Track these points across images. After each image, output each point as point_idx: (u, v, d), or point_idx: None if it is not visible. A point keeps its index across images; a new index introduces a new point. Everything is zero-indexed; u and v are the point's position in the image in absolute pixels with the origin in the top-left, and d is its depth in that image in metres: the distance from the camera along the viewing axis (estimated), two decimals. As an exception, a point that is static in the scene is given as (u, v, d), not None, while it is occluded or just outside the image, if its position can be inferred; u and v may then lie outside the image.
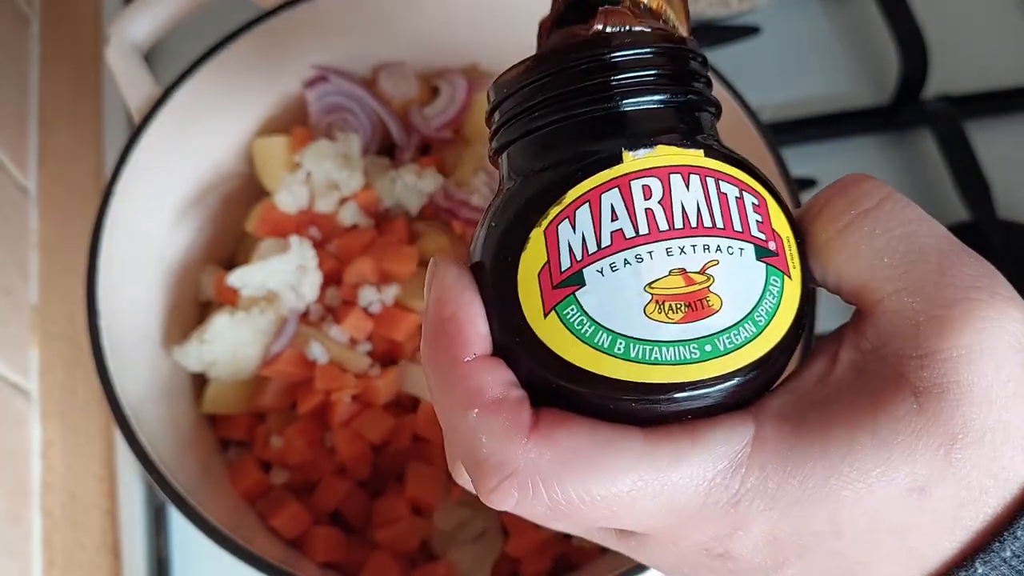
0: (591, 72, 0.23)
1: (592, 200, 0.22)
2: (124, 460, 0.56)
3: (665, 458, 0.21)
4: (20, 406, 0.50)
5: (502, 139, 0.25)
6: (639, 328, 0.21)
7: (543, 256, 0.22)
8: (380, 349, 0.51)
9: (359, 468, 0.50)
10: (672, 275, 0.21)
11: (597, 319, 0.21)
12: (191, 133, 0.52)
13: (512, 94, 0.24)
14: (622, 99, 0.23)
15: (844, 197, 0.24)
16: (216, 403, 0.52)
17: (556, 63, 0.23)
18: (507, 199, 0.24)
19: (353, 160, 0.54)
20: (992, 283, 0.22)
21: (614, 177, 0.22)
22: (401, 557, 0.49)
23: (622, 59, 0.23)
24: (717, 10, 0.68)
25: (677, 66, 0.24)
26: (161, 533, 0.54)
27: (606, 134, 0.23)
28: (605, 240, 0.22)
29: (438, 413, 0.24)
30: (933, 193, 0.65)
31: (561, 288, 0.22)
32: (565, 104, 0.23)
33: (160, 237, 0.53)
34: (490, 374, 0.22)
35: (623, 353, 0.21)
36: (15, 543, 0.46)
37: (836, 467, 0.21)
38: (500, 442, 0.22)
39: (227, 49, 0.51)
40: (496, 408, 0.22)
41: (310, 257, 0.51)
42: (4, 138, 0.56)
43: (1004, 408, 0.21)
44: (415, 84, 0.59)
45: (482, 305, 0.23)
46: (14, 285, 0.52)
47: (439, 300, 0.23)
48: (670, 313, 0.21)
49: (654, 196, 0.22)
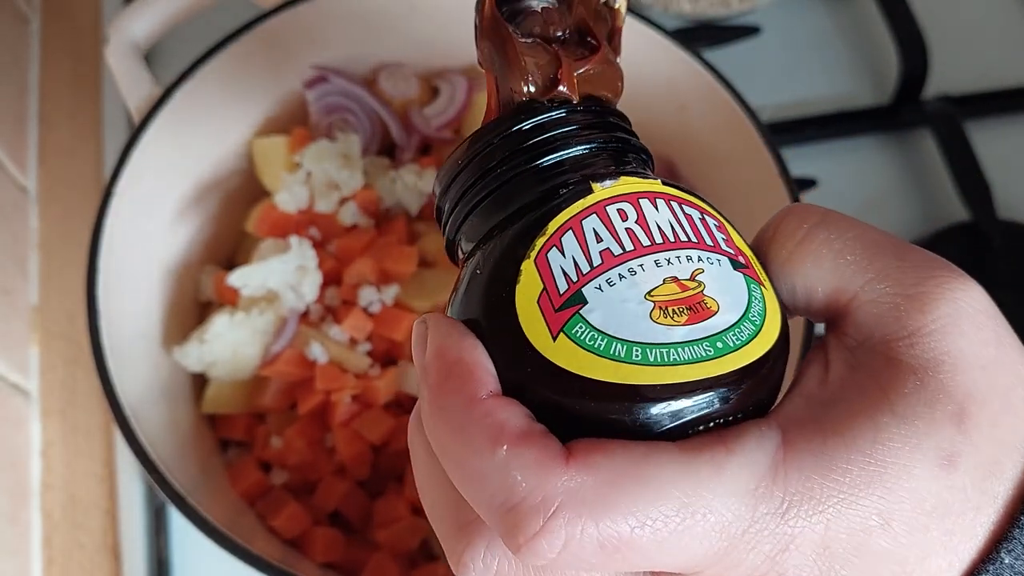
0: (547, 127, 0.25)
1: (575, 227, 0.23)
2: (124, 460, 0.56)
3: (706, 468, 0.20)
4: (20, 406, 0.50)
5: (461, 211, 0.25)
6: (651, 333, 0.21)
7: (539, 284, 0.22)
8: (380, 349, 0.51)
9: (359, 468, 0.50)
10: (667, 283, 0.22)
11: (608, 331, 0.22)
12: (191, 133, 0.52)
13: (463, 169, 0.25)
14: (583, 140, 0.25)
15: (792, 217, 0.25)
16: (216, 403, 0.52)
17: (507, 125, 0.25)
18: (479, 259, 0.24)
19: (353, 160, 0.54)
20: (947, 263, 0.23)
21: (589, 205, 0.23)
22: (401, 557, 0.49)
23: (572, 118, 0.25)
24: (717, 10, 0.68)
25: (612, 120, 0.26)
26: (161, 533, 0.54)
27: (570, 172, 0.24)
28: (596, 259, 0.22)
29: (451, 464, 0.22)
30: (933, 193, 0.65)
31: (564, 309, 0.22)
32: (523, 158, 0.25)
33: (160, 237, 0.53)
34: (510, 409, 0.21)
35: (642, 359, 0.21)
36: (15, 543, 0.46)
37: (871, 452, 0.21)
38: (537, 475, 0.20)
39: (227, 49, 0.51)
40: (525, 441, 0.21)
41: (310, 257, 0.51)
42: (4, 138, 0.56)
43: (995, 373, 0.22)
44: (415, 84, 0.58)
45: (484, 348, 0.22)
46: (14, 285, 0.52)
47: (440, 348, 0.22)
48: (676, 316, 0.22)
49: (630, 217, 0.23)
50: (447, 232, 0.26)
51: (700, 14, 0.68)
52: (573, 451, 0.21)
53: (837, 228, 0.24)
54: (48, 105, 0.62)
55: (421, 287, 0.52)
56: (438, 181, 0.26)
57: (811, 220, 0.25)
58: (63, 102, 0.64)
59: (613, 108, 0.27)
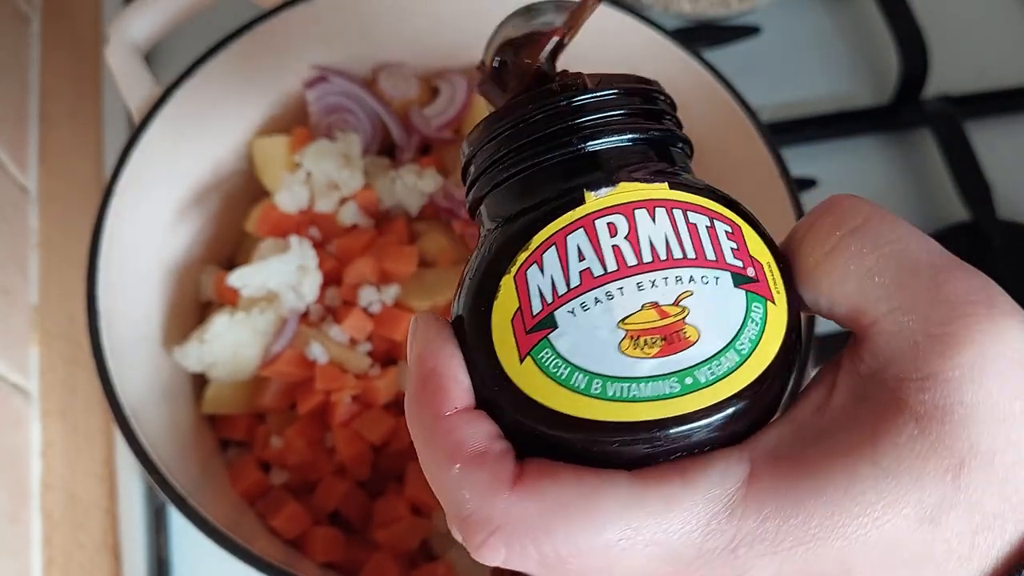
0: (547, 121, 0.24)
1: (558, 242, 0.22)
2: (124, 460, 0.56)
3: (656, 503, 0.20)
4: (20, 406, 0.50)
5: (475, 194, 0.25)
6: (615, 366, 0.21)
7: (515, 302, 0.22)
8: (380, 349, 0.51)
9: (359, 468, 0.50)
10: (645, 309, 0.21)
11: (572, 360, 0.21)
12: (191, 133, 0.52)
13: (479, 149, 0.25)
14: (579, 142, 0.23)
15: (828, 217, 0.23)
16: (216, 403, 0.52)
17: (513, 115, 0.24)
18: (481, 252, 0.24)
19: (353, 160, 0.54)
20: (989, 296, 0.21)
21: (578, 218, 0.22)
22: (401, 557, 0.49)
23: (578, 104, 0.24)
24: (717, 10, 0.68)
25: (635, 105, 0.24)
26: (161, 533, 0.54)
27: (567, 177, 0.23)
28: (574, 280, 0.22)
29: (424, 469, 0.23)
30: (933, 193, 0.65)
31: (534, 332, 0.22)
32: (526, 153, 0.24)
33: (160, 237, 0.53)
34: (471, 427, 0.22)
35: (600, 393, 0.21)
36: (15, 543, 0.46)
37: (839, 502, 0.20)
38: (483, 497, 0.21)
39: (227, 49, 0.51)
40: (478, 462, 0.21)
41: (310, 257, 0.51)
42: (4, 137, 0.56)
43: (1014, 427, 0.20)
44: (415, 84, 0.59)
45: (462, 358, 0.23)
46: (14, 285, 0.52)
47: (420, 355, 0.23)
48: (646, 348, 0.21)
49: (620, 232, 0.22)
50: (467, 199, 0.26)
51: (700, 14, 0.68)
52: (524, 474, 0.21)
53: (874, 239, 0.22)
54: (48, 105, 0.62)
55: (421, 287, 0.52)
56: (465, 144, 0.26)
57: (847, 224, 0.23)
58: (63, 102, 0.64)
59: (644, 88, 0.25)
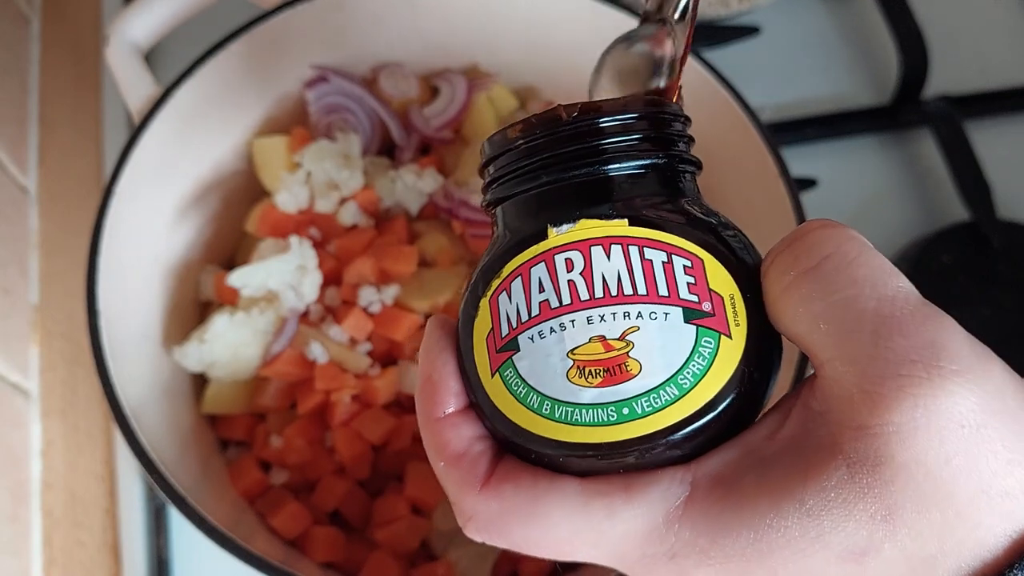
0: (520, 155, 0.26)
1: (523, 274, 0.24)
2: (124, 460, 0.56)
3: (599, 512, 0.23)
4: (20, 405, 0.50)
5: (490, 196, 0.27)
6: (562, 391, 0.23)
7: (489, 323, 0.25)
8: (380, 349, 0.51)
9: (359, 468, 0.50)
10: (592, 342, 0.23)
11: (529, 382, 0.24)
12: (191, 133, 0.52)
13: (491, 160, 0.27)
14: (542, 179, 0.25)
15: (789, 253, 0.23)
16: (216, 403, 0.52)
17: (501, 145, 0.26)
18: (479, 263, 0.26)
19: (353, 160, 0.54)
20: (932, 354, 0.21)
21: (541, 252, 0.24)
22: (401, 557, 0.49)
23: (538, 141, 0.25)
24: (717, 10, 0.68)
25: (600, 140, 0.25)
26: (161, 533, 0.54)
27: (538, 210, 0.25)
28: (535, 310, 0.24)
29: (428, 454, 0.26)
30: (933, 193, 0.65)
31: (502, 352, 0.24)
32: (509, 182, 0.26)
33: (160, 237, 0.53)
34: (455, 430, 0.25)
35: (549, 413, 0.23)
36: (15, 542, 0.46)
37: (763, 532, 0.22)
38: (459, 492, 0.25)
39: (227, 49, 0.51)
40: (456, 462, 0.25)
41: (310, 257, 0.51)
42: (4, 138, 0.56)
43: (949, 487, 0.20)
44: (415, 84, 0.59)
45: (456, 365, 0.26)
46: (14, 284, 0.52)
47: (423, 361, 0.26)
48: (590, 378, 0.23)
49: (576, 268, 0.24)
50: (484, 199, 0.28)
51: (700, 14, 0.68)
52: (493, 476, 0.25)
53: (825, 285, 0.22)
54: (48, 105, 0.62)
55: (421, 287, 0.52)
56: (486, 144, 0.27)
57: (803, 264, 0.23)
58: (63, 102, 0.64)
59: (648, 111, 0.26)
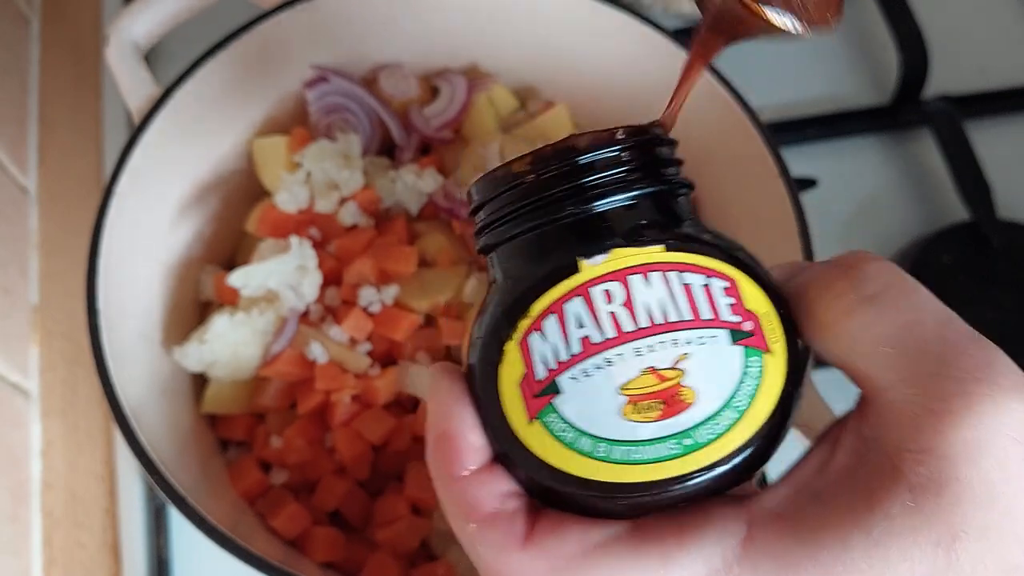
0: (542, 185, 0.24)
1: (557, 311, 0.23)
2: (124, 460, 0.56)
3: (652, 561, 0.22)
4: (20, 405, 0.50)
5: (485, 241, 0.26)
6: (617, 430, 0.22)
7: (520, 368, 0.23)
8: (380, 349, 0.51)
9: (359, 468, 0.50)
10: (644, 374, 0.22)
11: (577, 425, 0.22)
12: (191, 133, 0.52)
13: (486, 201, 0.25)
14: (573, 208, 0.24)
15: (846, 280, 0.23)
16: (216, 403, 0.52)
17: (512, 177, 0.24)
18: (486, 308, 0.25)
19: (353, 160, 0.54)
20: (993, 373, 0.21)
21: (575, 286, 0.23)
22: (401, 557, 0.49)
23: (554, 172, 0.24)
24: (717, 10, 0.68)
25: (633, 164, 0.24)
26: (161, 533, 0.54)
27: (563, 243, 0.24)
28: (575, 347, 0.22)
29: (446, 516, 0.25)
30: (933, 193, 0.65)
31: (541, 397, 0.23)
32: (525, 217, 0.24)
33: (160, 237, 0.53)
34: (485, 488, 0.23)
35: (605, 456, 0.22)
36: (15, 542, 0.46)
37: (829, 566, 0.21)
38: (496, 554, 0.23)
39: (227, 49, 0.51)
40: (491, 522, 0.23)
41: (310, 257, 0.51)
42: (4, 138, 0.56)
43: (1010, 505, 0.20)
44: (415, 84, 0.59)
45: (475, 416, 0.24)
46: (14, 284, 0.52)
47: (434, 415, 0.24)
48: (646, 412, 0.22)
49: (616, 299, 0.23)
50: (477, 242, 0.26)
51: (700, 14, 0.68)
52: (534, 532, 0.23)
53: (889, 311, 0.22)
54: (48, 105, 0.62)
55: (421, 287, 0.52)
56: (475, 189, 0.26)
57: (865, 290, 0.23)
58: (63, 102, 0.64)
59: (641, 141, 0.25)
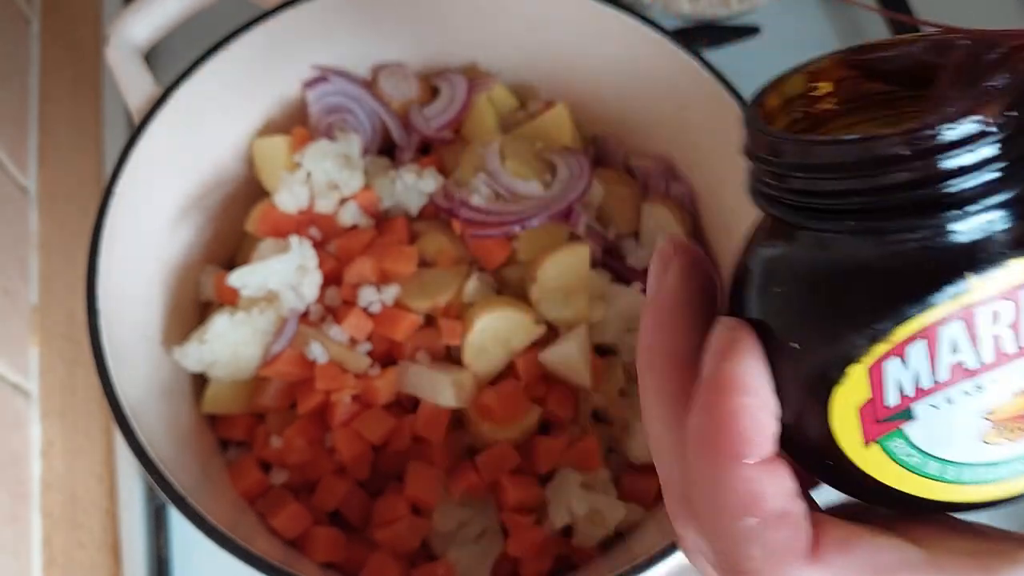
0: (903, 185, 0.18)
1: (930, 336, 0.19)
2: (124, 460, 0.56)
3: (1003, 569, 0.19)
4: (20, 406, 0.50)
5: (788, 213, 0.20)
6: (974, 454, 0.20)
7: (865, 393, 0.19)
8: (380, 349, 0.51)
9: (359, 468, 0.50)
10: (1016, 397, 0.19)
11: (927, 450, 0.20)
12: (191, 133, 0.52)
13: (814, 174, 0.19)
14: (954, 220, 0.18)
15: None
16: (216, 403, 0.52)
17: (859, 169, 0.18)
18: (801, 284, 0.20)
19: (353, 160, 0.54)
20: None
21: (958, 309, 0.18)
22: (401, 557, 0.49)
23: (946, 159, 0.18)
24: (717, 10, 0.68)
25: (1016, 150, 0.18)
26: (161, 533, 0.54)
27: (941, 263, 0.18)
28: (942, 375, 0.19)
29: (697, 504, 0.21)
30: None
31: (887, 423, 0.20)
32: (876, 227, 0.19)
33: (160, 237, 0.53)
34: (775, 481, 0.20)
35: (955, 479, 0.20)
36: (15, 542, 0.46)
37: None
38: (775, 560, 0.20)
39: (227, 49, 0.51)
40: (778, 522, 0.20)
41: (310, 257, 0.51)
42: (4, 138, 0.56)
43: None
44: (415, 84, 0.59)
45: (774, 398, 0.20)
46: (14, 285, 0.52)
47: (725, 385, 0.20)
48: (1008, 434, 0.19)
49: (1003, 320, 0.18)
50: (757, 191, 0.21)
51: (700, 14, 0.68)
52: (821, 545, 0.20)
53: None
54: (48, 105, 0.62)
55: (421, 287, 0.52)
56: (773, 142, 0.20)
57: None
58: (63, 102, 0.65)
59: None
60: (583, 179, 0.54)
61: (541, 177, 0.54)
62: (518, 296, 0.52)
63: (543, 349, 0.51)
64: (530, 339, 0.51)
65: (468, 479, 0.49)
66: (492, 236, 0.52)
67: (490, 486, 0.50)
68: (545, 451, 0.50)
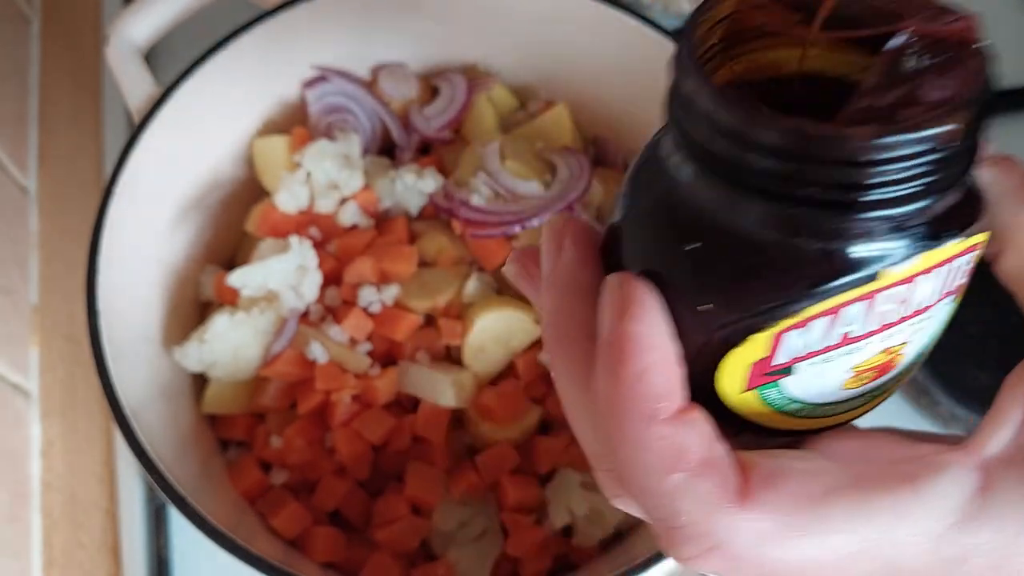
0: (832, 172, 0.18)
1: (833, 313, 0.20)
2: (124, 460, 0.56)
3: (884, 515, 0.19)
4: (20, 406, 0.50)
5: (720, 174, 0.20)
6: (831, 396, 0.22)
7: (761, 354, 0.20)
8: (380, 349, 0.51)
9: (359, 468, 0.50)
10: (880, 353, 0.21)
11: (795, 395, 0.21)
12: (191, 133, 0.52)
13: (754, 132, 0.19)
14: (881, 220, 0.19)
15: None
16: (216, 403, 0.52)
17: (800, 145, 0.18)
18: (705, 248, 0.20)
19: (353, 160, 0.54)
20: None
21: (865, 293, 0.19)
22: (401, 557, 0.49)
23: (872, 158, 0.18)
24: (717, 10, 0.68)
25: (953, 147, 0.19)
26: (161, 533, 0.54)
27: (861, 256, 0.19)
28: (831, 340, 0.20)
29: (620, 470, 0.20)
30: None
31: (769, 375, 0.21)
32: (813, 217, 0.19)
33: (160, 237, 0.53)
34: (694, 431, 0.20)
35: (809, 414, 0.22)
36: (15, 543, 0.46)
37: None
38: (705, 510, 0.19)
39: (227, 49, 0.51)
40: (704, 470, 0.19)
41: (310, 257, 0.51)
42: (4, 138, 0.56)
43: None
44: (415, 84, 0.59)
45: (675, 343, 0.20)
46: (14, 285, 0.52)
47: (624, 345, 0.20)
48: (862, 381, 0.22)
49: (896, 298, 0.20)
50: (674, 127, 0.22)
51: (700, 14, 0.68)
52: (750, 483, 0.20)
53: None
54: (48, 105, 0.62)
55: (421, 287, 0.52)
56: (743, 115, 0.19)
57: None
58: (63, 102, 0.65)
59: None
60: (583, 179, 0.54)
61: (541, 177, 0.54)
62: (518, 296, 0.52)
63: (543, 349, 0.51)
64: (530, 339, 0.51)
65: (468, 479, 0.49)
66: (492, 236, 0.52)
67: (490, 486, 0.50)
68: (545, 451, 0.50)
